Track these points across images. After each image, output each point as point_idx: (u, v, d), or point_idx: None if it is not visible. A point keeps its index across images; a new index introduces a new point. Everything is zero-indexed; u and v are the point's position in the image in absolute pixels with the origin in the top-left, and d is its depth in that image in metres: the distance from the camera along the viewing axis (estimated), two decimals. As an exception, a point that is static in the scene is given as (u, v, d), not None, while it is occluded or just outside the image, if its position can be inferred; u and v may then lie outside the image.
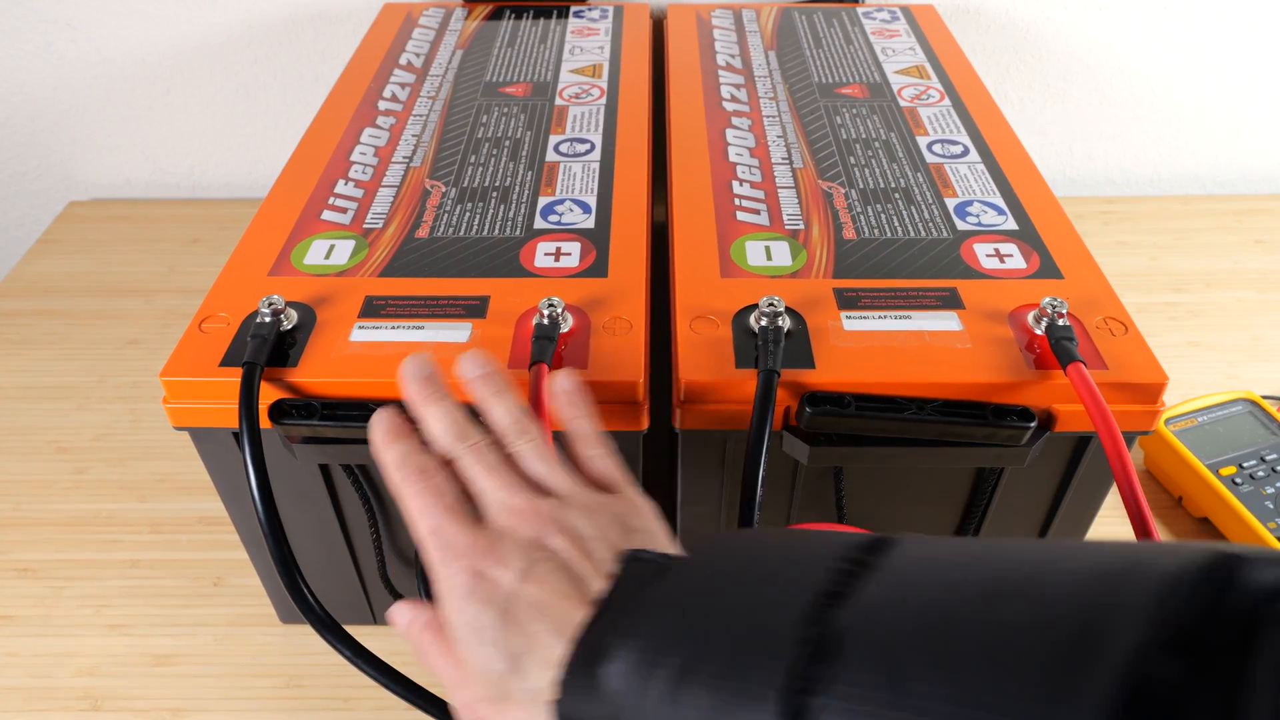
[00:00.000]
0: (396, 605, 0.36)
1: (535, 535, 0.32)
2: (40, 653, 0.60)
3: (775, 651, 0.24)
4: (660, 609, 0.27)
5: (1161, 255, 0.94)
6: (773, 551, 0.28)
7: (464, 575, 0.31)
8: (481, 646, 0.30)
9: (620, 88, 0.73)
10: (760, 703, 0.24)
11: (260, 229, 0.56)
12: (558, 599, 0.30)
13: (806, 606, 0.25)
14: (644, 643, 0.27)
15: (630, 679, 0.26)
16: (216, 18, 0.95)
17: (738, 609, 0.26)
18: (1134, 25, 0.96)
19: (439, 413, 0.37)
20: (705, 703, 0.25)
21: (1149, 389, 0.46)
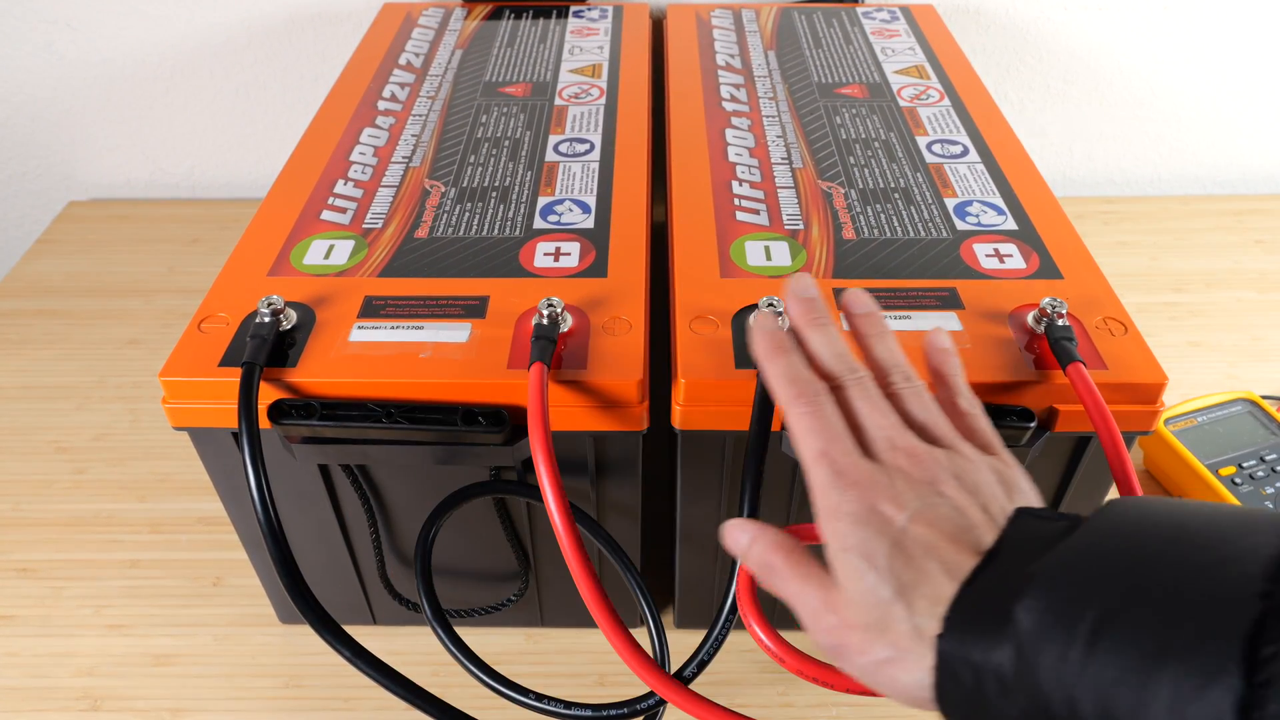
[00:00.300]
0: (733, 523, 0.35)
1: (929, 479, 0.32)
2: (40, 653, 0.60)
3: (1236, 601, 0.23)
4: (1076, 556, 0.27)
5: (1161, 255, 0.94)
6: (1203, 516, 0.27)
7: (858, 504, 0.31)
8: (870, 572, 0.30)
9: (620, 88, 0.73)
10: (1219, 649, 0.23)
11: (260, 229, 0.56)
12: (948, 543, 0.30)
13: (1265, 564, 0.24)
14: (1061, 585, 0.26)
15: (1044, 619, 0.26)
16: (216, 18, 0.95)
17: (1174, 562, 0.25)
18: (1134, 25, 0.96)
19: (826, 338, 0.37)
20: (1139, 644, 0.24)
21: (1149, 389, 0.46)
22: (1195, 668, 0.23)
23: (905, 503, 0.31)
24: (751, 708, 0.56)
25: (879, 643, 0.30)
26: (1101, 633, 0.24)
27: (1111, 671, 0.24)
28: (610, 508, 0.53)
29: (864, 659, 0.30)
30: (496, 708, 0.48)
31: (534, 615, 0.60)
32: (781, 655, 0.36)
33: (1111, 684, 0.24)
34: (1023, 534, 0.29)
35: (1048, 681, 0.25)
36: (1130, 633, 0.24)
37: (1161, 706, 0.23)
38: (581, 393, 0.46)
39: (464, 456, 0.47)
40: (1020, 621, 0.26)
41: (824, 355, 0.37)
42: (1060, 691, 0.25)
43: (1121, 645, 0.24)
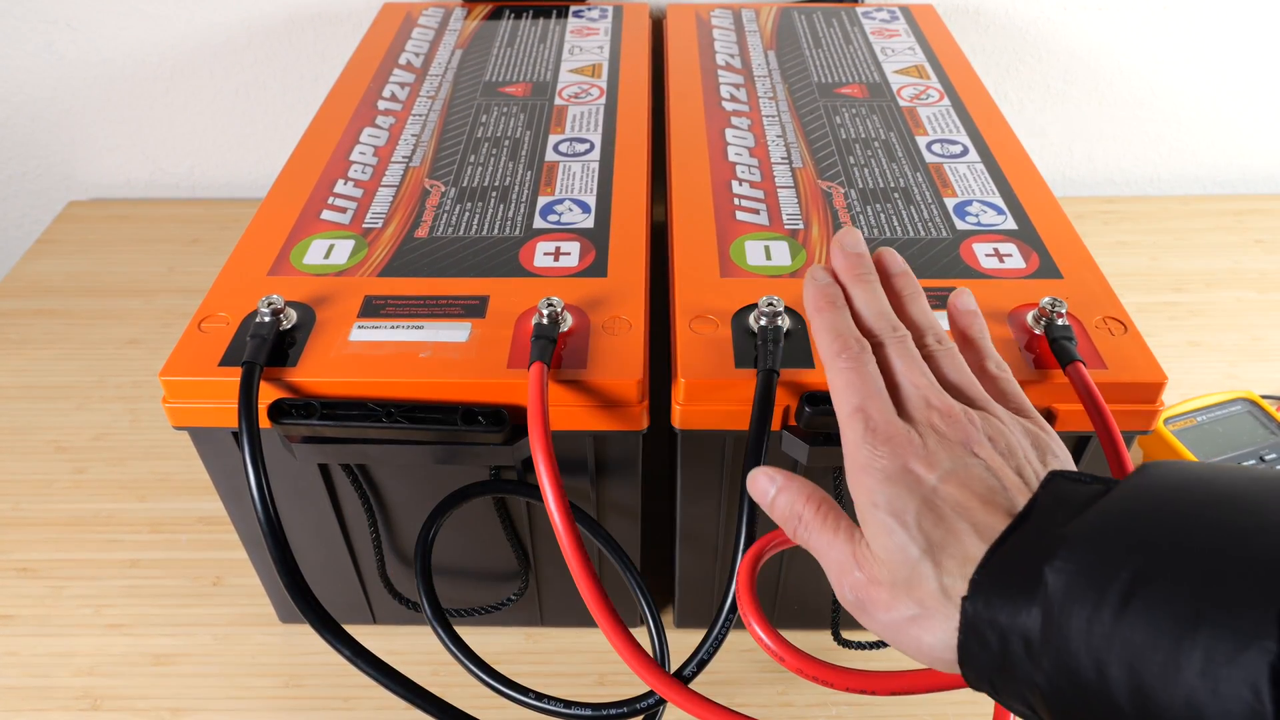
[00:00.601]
0: (760, 470, 0.35)
1: (963, 440, 0.32)
2: (40, 652, 0.60)
3: (1270, 568, 0.23)
4: (1109, 518, 0.26)
5: (1161, 255, 0.94)
6: (1237, 480, 0.26)
7: (889, 460, 0.31)
8: (899, 530, 0.30)
9: (620, 87, 0.73)
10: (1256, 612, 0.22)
11: (260, 229, 0.56)
12: (980, 504, 0.30)
13: None
14: (1093, 547, 0.26)
15: (1075, 581, 0.25)
16: (216, 18, 0.95)
17: (1212, 525, 0.25)
18: (1134, 25, 0.96)
19: (870, 293, 0.38)
20: (1172, 607, 0.23)
21: (1148, 388, 0.46)
22: (1230, 632, 0.22)
23: (937, 462, 0.31)
24: (751, 707, 0.56)
25: (905, 600, 0.30)
26: (1134, 595, 0.24)
27: (1142, 635, 0.23)
28: (610, 508, 0.53)
29: (888, 616, 0.30)
30: (496, 707, 0.48)
31: (534, 615, 0.60)
32: (782, 654, 0.36)
33: (1142, 647, 0.23)
34: (1055, 496, 0.29)
35: (1076, 644, 0.25)
36: (1163, 596, 0.24)
37: (1193, 671, 0.22)
38: (581, 392, 0.46)
39: (464, 456, 0.47)
40: (1050, 583, 0.26)
41: (867, 312, 0.37)
42: (1089, 654, 0.24)
43: (1154, 608, 0.24)
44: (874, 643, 0.56)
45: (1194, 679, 0.22)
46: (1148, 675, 0.23)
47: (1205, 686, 0.22)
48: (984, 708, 0.55)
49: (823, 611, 0.58)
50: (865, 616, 0.31)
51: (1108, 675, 0.24)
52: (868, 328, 0.37)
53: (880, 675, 0.34)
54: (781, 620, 0.60)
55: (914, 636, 0.30)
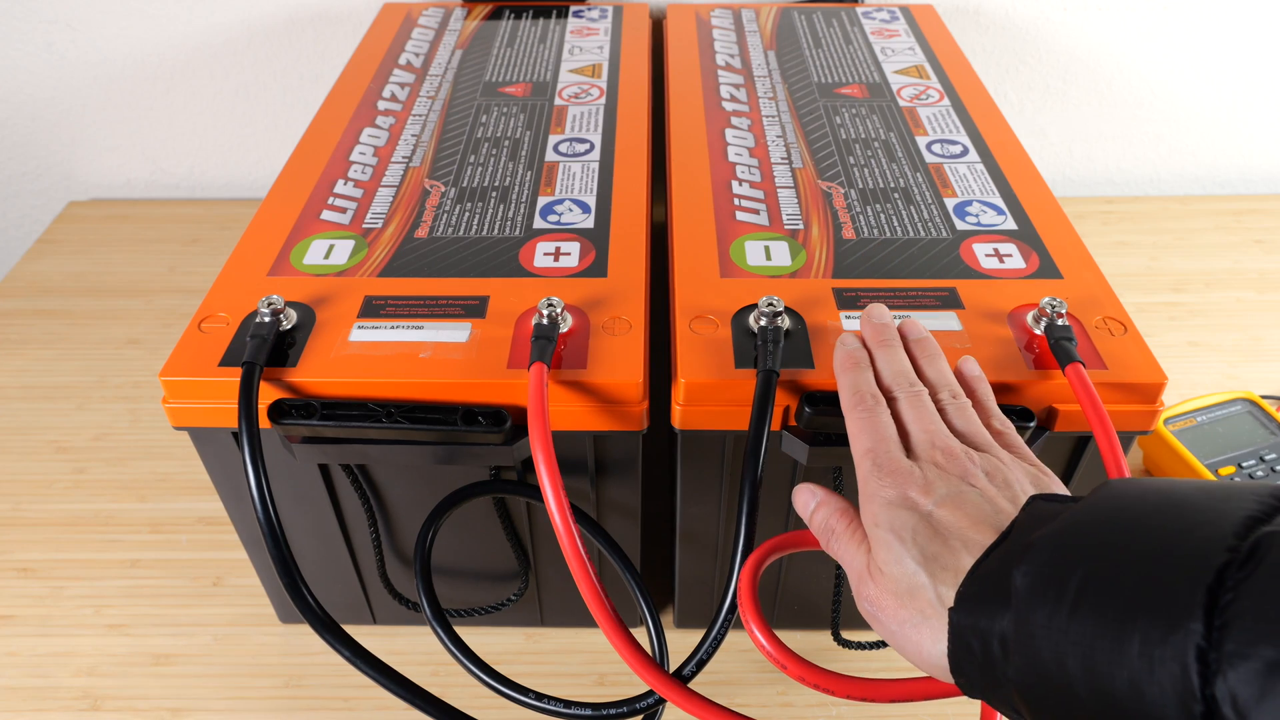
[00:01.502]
0: (803, 486, 0.39)
1: (961, 474, 0.36)
2: (40, 653, 0.60)
3: (1202, 557, 0.25)
4: (1069, 528, 0.29)
5: (1161, 255, 0.94)
6: (1189, 489, 0.29)
7: (892, 490, 0.35)
8: (898, 545, 0.33)
9: (620, 88, 0.73)
10: (1183, 599, 0.24)
11: (260, 229, 0.56)
12: (971, 525, 0.33)
13: (1237, 524, 0.26)
14: (1053, 553, 0.28)
15: (1035, 583, 0.28)
16: (216, 18, 0.95)
17: (1154, 528, 0.27)
18: (1134, 25, 0.96)
19: (890, 355, 0.42)
20: (1115, 601, 0.26)
21: (1148, 389, 0.46)
22: (1162, 617, 0.25)
23: (934, 490, 0.35)
24: (750, 707, 0.56)
25: (908, 608, 0.32)
26: (1085, 592, 0.27)
27: (1092, 627, 0.26)
28: (610, 508, 0.53)
29: (895, 624, 0.33)
30: (496, 707, 0.48)
31: (534, 615, 0.60)
32: (785, 663, 0.36)
33: (1092, 638, 0.26)
34: (1032, 515, 0.32)
35: (1040, 640, 0.27)
36: (1109, 590, 0.26)
37: (1133, 654, 0.25)
38: (581, 393, 0.46)
39: (464, 456, 0.47)
40: (1017, 585, 0.28)
41: (887, 371, 0.42)
42: (1051, 649, 0.27)
43: (1101, 602, 0.26)
44: (873, 643, 0.56)
45: (1134, 660, 0.25)
46: (1098, 661, 0.26)
47: (1143, 667, 0.25)
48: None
49: (822, 611, 0.58)
50: (877, 624, 0.34)
51: (1066, 666, 0.26)
52: (886, 385, 0.41)
53: (881, 683, 0.34)
54: (781, 620, 0.60)
55: (916, 644, 0.32)
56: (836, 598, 0.54)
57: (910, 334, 0.45)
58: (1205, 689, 0.23)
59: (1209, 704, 0.23)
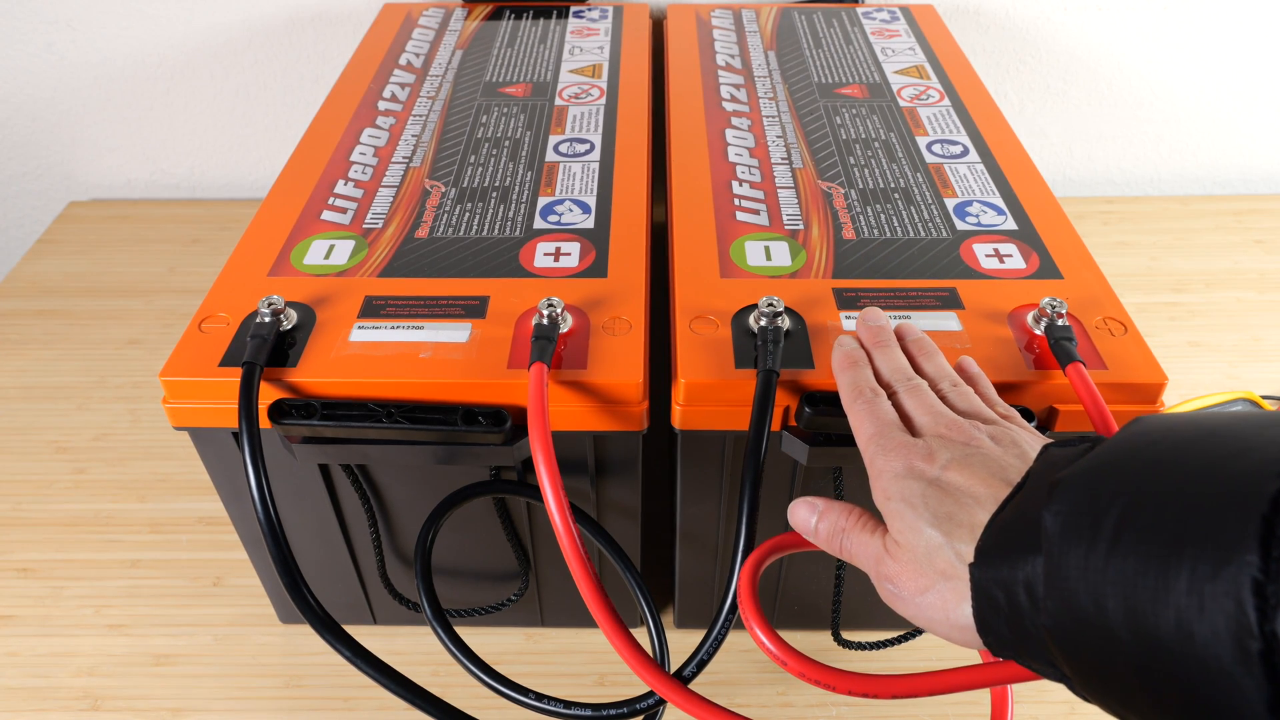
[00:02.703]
0: (799, 502, 0.39)
1: (965, 440, 0.35)
2: (40, 653, 0.60)
3: (1253, 486, 0.23)
4: (1099, 464, 0.28)
5: (1161, 255, 0.94)
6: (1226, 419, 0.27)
7: (898, 462, 0.35)
8: (909, 511, 0.33)
9: (620, 88, 0.73)
10: (1236, 529, 0.23)
11: (260, 229, 0.56)
12: (982, 482, 0.32)
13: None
14: (1085, 489, 0.27)
15: (1069, 521, 0.26)
16: (217, 19, 0.95)
17: (1194, 460, 0.25)
18: (1134, 26, 0.96)
19: (888, 354, 0.42)
20: (1159, 534, 0.24)
21: (1148, 389, 0.46)
22: (1212, 549, 0.23)
23: (938, 457, 0.34)
24: (751, 707, 0.56)
25: (928, 575, 0.32)
26: (1124, 528, 0.25)
27: (1133, 564, 0.24)
28: (610, 508, 0.53)
29: (922, 597, 0.32)
30: (496, 708, 0.48)
31: (534, 615, 0.60)
32: (784, 659, 0.36)
33: (1134, 575, 0.24)
34: (1047, 462, 0.31)
35: (1076, 581, 0.26)
36: (1151, 524, 0.25)
37: (1180, 591, 0.23)
38: (581, 393, 0.46)
39: (464, 456, 0.47)
40: (1048, 526, 0.27)
41: (885, 369, 0.42)
42: (1088, 590, 0.25)
43: (1143, 537, 0.24)
44: (874, 643, 0.56)
45: (1181, 599, 0.23)
46: (1140, 602, 0.24)
47: (1192, 604, 0.23)
48: (983, 708, 0.55)
49: (823, 611, 0.58)
50: (902, 602, 0.33)
51: (1105, 607, 0.25)
52: (885, 381, 0.41)
53: (882, 678, 0.34)
54: (781, 620, 0.60)
55: (942, 610, 0.31)
56: (836, 598, 0.54)
57: (907, 335, 0.44)
58: (1264, 625, 0.21)
59: (1269, 641, 0.21)
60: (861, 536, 0.36)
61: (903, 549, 0.33)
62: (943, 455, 0.34)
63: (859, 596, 0.57)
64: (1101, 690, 0.26)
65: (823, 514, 0.38)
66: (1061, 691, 0.55)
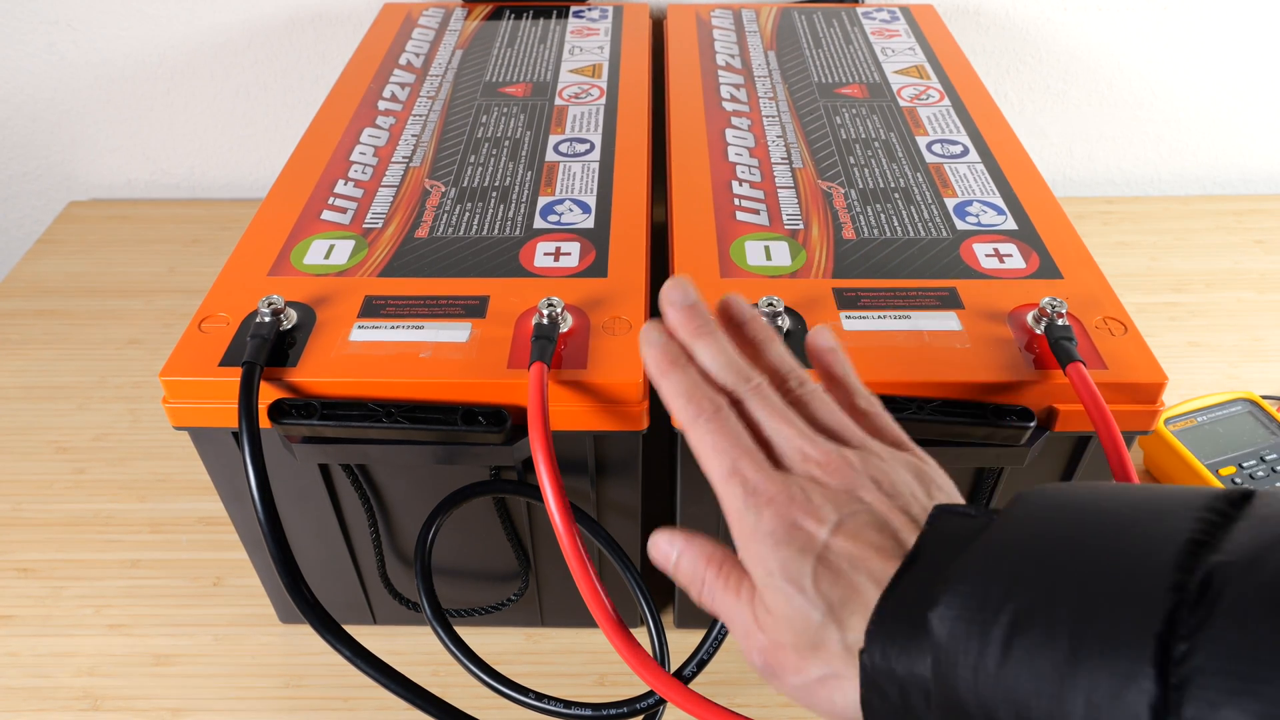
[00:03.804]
0: (660, 533, 0.34)
1: (847, 488, 0.31)
2: (40, 653, 0.60)
3: (1147, 596, 0.22)
4: (989, 556, 0.26)
5: (1161, 255, 0.94)
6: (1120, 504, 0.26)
7: (775, 522, 0.30)
8: (797, 595, 0.29)
9: (620, 88, 0.73)
10: (1131, 650, 0.22)
11: (260, 229, 0.56)
12: (872, 552, 0.29)
13: (1179, 552, 0.23)
14: (974, 589, 0.25)
15: (956, 627, 0.25)
16: (217, 19, 0.95)
17: (1087, 555, 0.24)
18: (1134, 26, 0.96)
19: (713, 348, 0.34)
20: (1052, 649, 0.23)
21: (1148, 389, 0.46)
22: (1109, 672, 0.22)
23: (824, 516, 0.30)
24: (751, 707, 0.56)
25: (813, 662, 0.29)
26: (1015, 638, 0.24)
27: (1026, 680, 0.23)
28: (610, 508, 0.53)
29: (799, 679, 0.29)
30: (496, 708, 0.48)
31: (534, 615, 0.60)
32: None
33: (1027, 694, 0.23)
34: (940, 534, 0.28)
35: (965, 691, 0.24)
36: (1044, 636, 0.23)
37: (1078, 711, 0.22)
38: (581, 393, 0.46)
39: (464, 456, 0.47)
40: (935, 630, 0.25)
41: (715, 366, 0.34)
42: (977, 701, 0.24)
43: (1035, 650, 0.23)
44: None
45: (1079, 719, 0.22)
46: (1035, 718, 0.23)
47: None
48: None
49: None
50: (775, 680, 0.30)
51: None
52: (720, 383, 0.34)
53: None
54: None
55: (827, 699, 0.29)
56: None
57: (737, 315, 0.37)
58: None
59: None
60: (725, 598, 0.32)
61: (780, 628, 0.29)
62: (828, 515, 0.30)
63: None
64: None
65: (681, 552, 0.33)
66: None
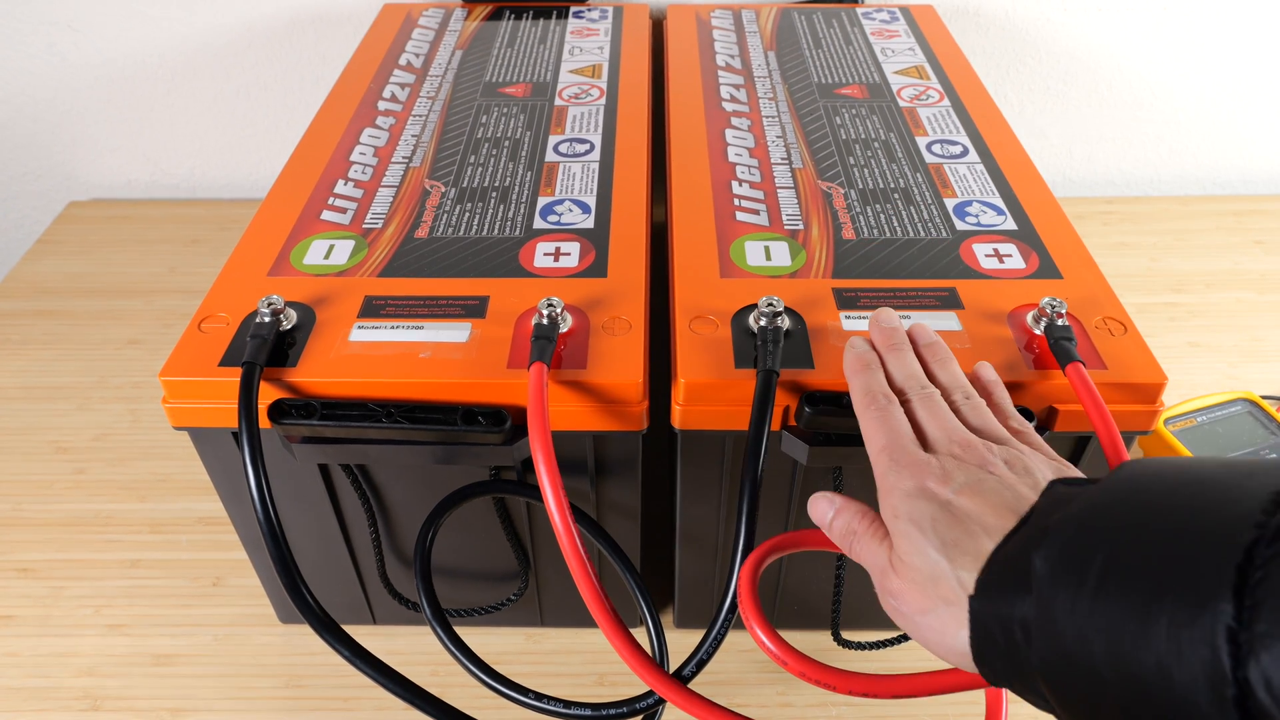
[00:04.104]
0: (819, 495, 0.39)
1: (980, 463, 0.35)
2: (40, 653, 0.60)
3: (1230, 537, 0.24)
4: (1090, 508, 0.28)
5: (1161, 256, 0.94)
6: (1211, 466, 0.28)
7: (910, 481, 0.35)
8: (918, 534, 0.33)
9: (620, 88, 0.73)
10: (1212, 578, 0.24)
11: (260, 229, 0.56)
12: (992, 510, 0.33)
13: (1264, 500, 0.25)
14: (1075, 534, 0.28)
15: (1057, 566, 0.27)
16: (217, 19, 0.96)
17: (1178, 507, 0.26)
18: (1134, 26, 0.96)
19: (901, 359, 0.42)
20: (1141, 583, 0.25)
21: (1148, 389, 0.46)
22: (1189, 597, 0.24)
23: (953, 479, 0.34)
24: (750, 707, 0.56)
25: (931, 596, 0.32)
26: (1108, 575, 0.26)
27: (1117, 610, 0.26)
28: (610, 508, 0.53)
29: (918, 615, 0.33)
30: (496, 708, 0.48)
31: (534, 615, 0.60)
32: (785, 659, 0.36)
33: (1118, 620, 0.25)
34: (1051, 499, 0.31)
35: (1064, 625, 0.27)
36: (1134, 572, 0.26)
37: (1160, 637, 0.24)
38: (581, 393, 0.46)
39: (464, 456, 0.47)
40: (1038, 570, 0.28)
41: (898, 374, 0.41)
42: (1075, 634, 0.26)
43: (1126, 584, 0.26)
44: (873, 643, 0.56)
45: (1161, 644, 0.24)
46: (1123, 645, 0.25)
47: (1171, 650, 0.24)
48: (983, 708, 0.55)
49: (822, 612, 0.58)
50: (901, 617, 0.34)
51: (1091, 649, 0.26)
52: (898, 387, 0.41)
53: (882, 678, 0.34)
54: (781, 621, 0.60)
55: (939, 632, 0.32)
56: (836, 598, 0.54)
57: (920, 339, 0.44)
58: (1237, 671, 0.23)
59: (1241, 687, 0.22)
60: (870, 544, 0.36)
61: (907, 568, 0.33)
62: (957, 478, 0.34)
63: (859, 596, 0.57)
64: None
65: (839, 511, 0.38)
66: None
